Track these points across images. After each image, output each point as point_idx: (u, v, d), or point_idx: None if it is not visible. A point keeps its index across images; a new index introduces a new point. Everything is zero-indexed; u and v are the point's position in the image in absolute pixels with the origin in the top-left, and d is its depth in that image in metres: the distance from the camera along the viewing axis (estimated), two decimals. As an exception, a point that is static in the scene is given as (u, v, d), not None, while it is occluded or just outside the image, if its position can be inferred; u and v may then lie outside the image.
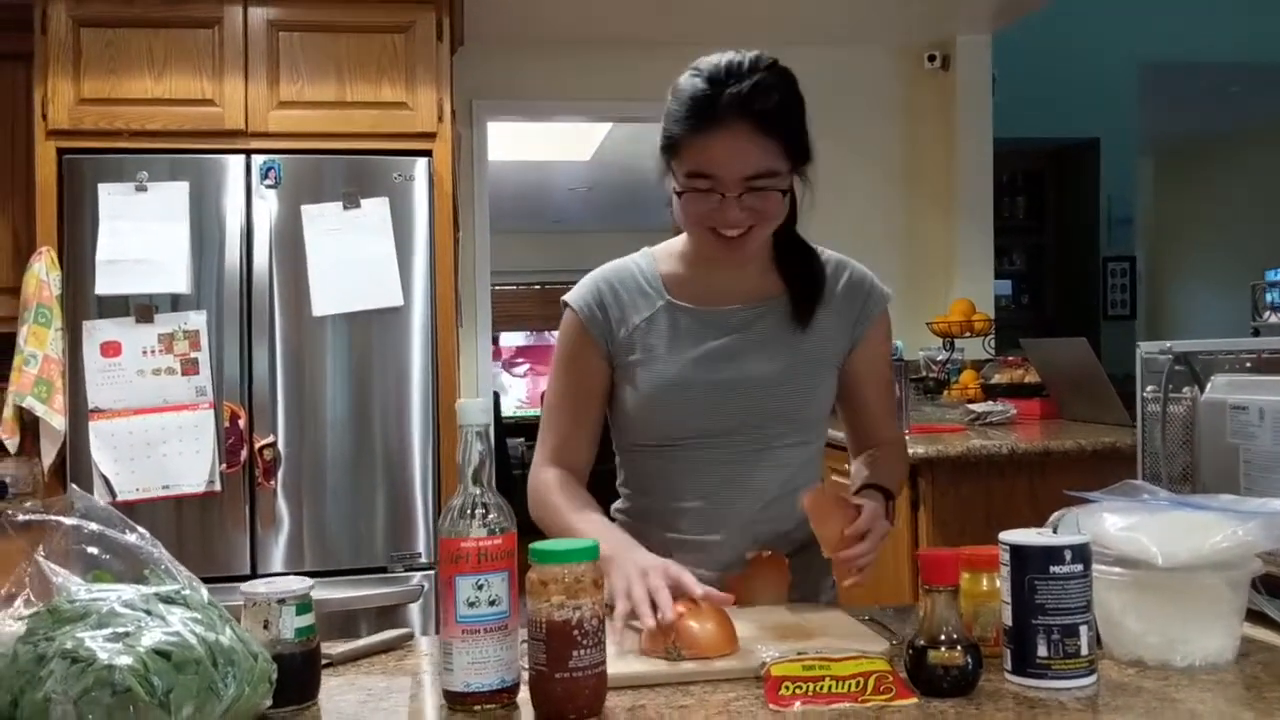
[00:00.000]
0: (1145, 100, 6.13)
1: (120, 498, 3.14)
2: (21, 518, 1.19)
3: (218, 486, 3.24)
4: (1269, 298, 1.65)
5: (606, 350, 1.67)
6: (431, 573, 3.32)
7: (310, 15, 3.45)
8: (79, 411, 3.23)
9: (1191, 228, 6.62)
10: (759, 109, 1.47)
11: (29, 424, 3.28)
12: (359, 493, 3.35)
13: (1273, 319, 1.43)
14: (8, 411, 3.24)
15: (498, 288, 4.66)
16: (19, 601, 1.14)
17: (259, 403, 3.31)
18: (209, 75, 3.40)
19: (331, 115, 3.44)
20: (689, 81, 1.53)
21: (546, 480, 1.67)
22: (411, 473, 3.38)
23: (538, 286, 10.62)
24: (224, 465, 3.25)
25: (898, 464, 1.79)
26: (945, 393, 3.87)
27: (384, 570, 3.30)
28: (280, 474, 3.30)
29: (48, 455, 3.24)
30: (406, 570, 3.32)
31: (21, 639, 1.04)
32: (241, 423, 3.27)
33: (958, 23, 4.47)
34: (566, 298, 1.72)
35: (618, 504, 1.76)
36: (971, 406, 3.37)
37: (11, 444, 3.28)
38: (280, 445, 3.31)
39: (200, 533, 3.26)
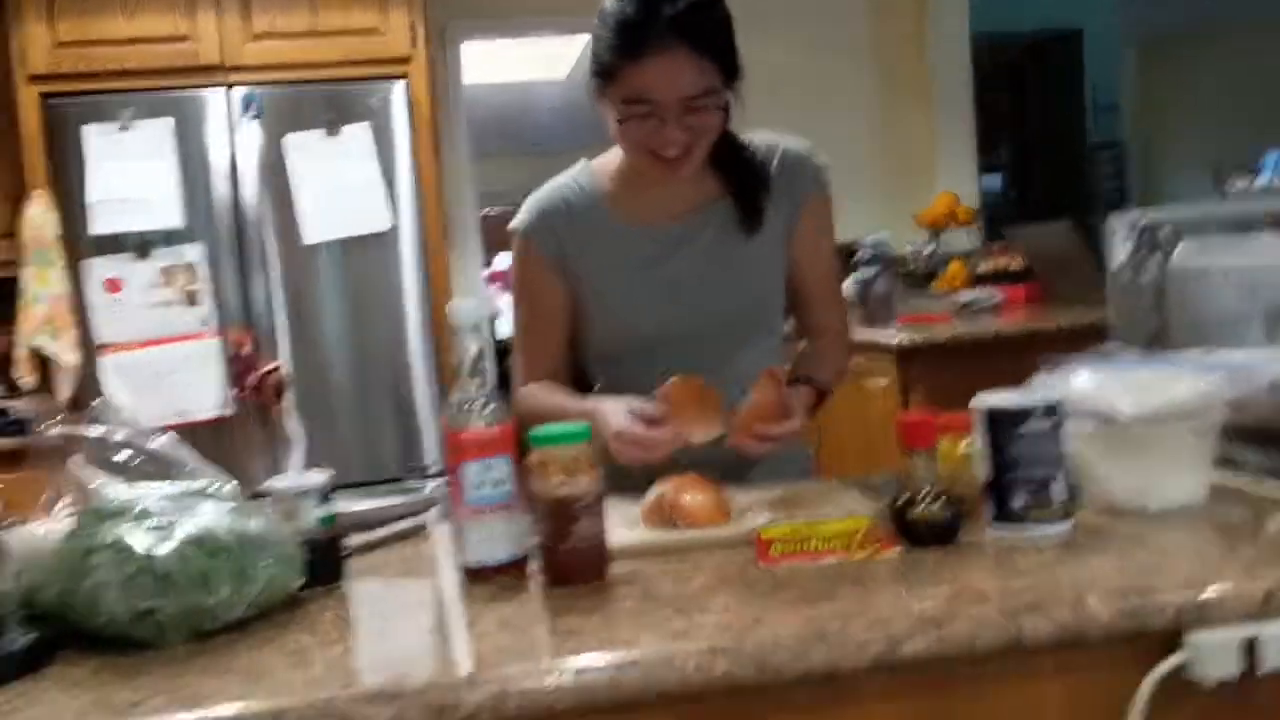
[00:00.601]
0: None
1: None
2: (55, 430, 1.27)
3: (230, 411, 3.32)
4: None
5: (561, 269, 1.68)
6: (444, 479, 3.41)
7: (278, -56, 3.44)
8: (90, 347, 3.30)
9: (1178, 114, 6.60)
10: (694, 30, 1.46)
11: (44, 363, 3.35)
12: (367, 409, 3.45)
13: (1238, 185, 1.48)
14: (21, 352, 3.31)
15: (487, 212, 4.67)
16: (59, 506, 1.23)
17: (263, 329, 3.39)
18: (182, 12, 3.41)
19: (306, 44, 3.46)
20: (616, 6, 1.50)
21: (525, 394, 1.70)
22: (417, 386, 3.48)
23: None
24: (234, 390, 3.33)
25: (838, 355, 1.77)
26: (933, 284, 3.92)
27: (399, 480, 3.40)
28: (290, 395, 3.38)
29: (64, 391, 3.32)
30: (420, 478, 3.42)
31: (69, 536, 1.12)
32: (247, 349, 3.34)
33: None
34: (514, 225, 1.71)
35: None
36: (959, 296, 3.43)
37: (27, 383, 3.36)
38: (287, 369, 3.39)
39: (217, 457, 3.31)
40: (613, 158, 1.70)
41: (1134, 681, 1.02)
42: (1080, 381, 1.31)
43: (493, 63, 5.93)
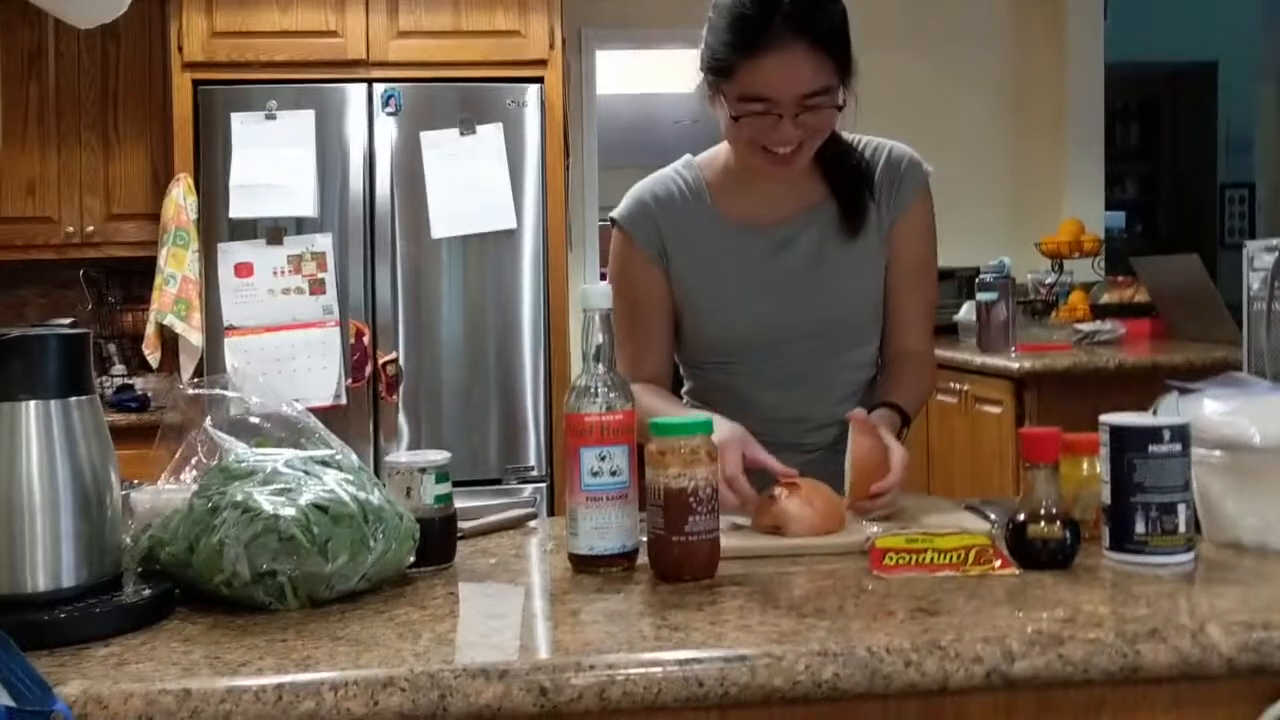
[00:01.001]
0: (1266, 22, 5.89)
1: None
2: (192, 391, 1.32)
3: (344, 400, 3.41)
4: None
5: (662, 263, 1.66)
6: (544, 485, 3.46)
7: (429, -52, 3.55)
8: (215, 329, 3.43)
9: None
10: (812, 26, 1.44)
11: (169, 341, 3.49)
12: (474, 408, 3.50)
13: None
14: (150, 328, 3.45)
15: (604, 223, 4.73)
16: (191, 465, 1.27)
17: (381, 321, 3.47)
18: (333, 7, 3.53)
19: (448, 44, 3.55)
20: (732, 1, 1.48)
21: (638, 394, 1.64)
22: (524, 389, 3.51)
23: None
24: (350, 380, 3.42)
25: (922, 382, 1.72)
26: (1053, 314, 3.84)
27: (499, 482, 3.45)
28: (401, 389, 3.46)
29: (186, 370, 3.45)
30: (520, 482, 3.46)
31: (196, 494, 1.16)
32: (366, 340, 3.43)
33: (1072, -60, 4.36)
34: (614, 215, 1.69)
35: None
36: (1079, 326, 3.36)
37: (154, 359, 3.49)
38: (401, 361, 3.46)
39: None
40: (718, 153, 1.69)
41: (1250, 719, 0.99)
42: (1208, 407, 1.27)
43: (623, 73, 5.99)
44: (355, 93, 3.49)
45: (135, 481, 1.28)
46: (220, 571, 1.09)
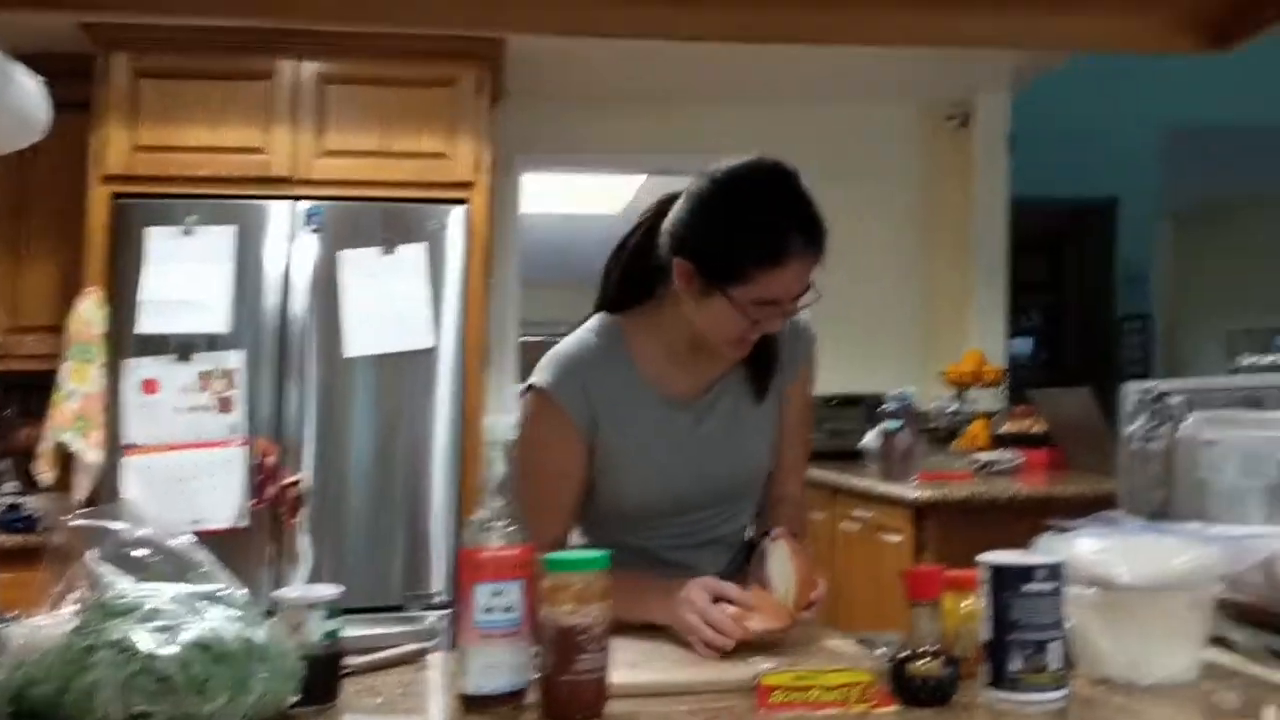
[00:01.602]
0: (1165, 162, 6.20)
1: (150, 532, 3.24)
2: (75, 522, 1.30)
3: (245, 521, 3.34)
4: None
5: (589, 435, 1.65)
6: (447, 612, 3.40)
7: (358, 70, 3.62)
8: (114, 447, 3.35)
9: (1209, 289, 6.64)
10: (816, 242, 1.55)
11: (66, 459, 3.39)
12: (380, 531, 3.44)
13: (1246, 362, 1.51)
14: (45, 446, 3.36)
15: (525, 340, 4.76)
16: (71, 599, 1.25)
17: (289, 441, 3.42)
18: (260, 125, 3.56)
19: (374, 164, 3.59)
20: (756, 204, 1.55)
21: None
22: (434, 512, 3.47)
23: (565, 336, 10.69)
24: (252, 501, 3.35)
25: (804, 525, 1.82)
26: (954, 442, 3.93)
27: (400, 609, 3.38)
28: (305, 511, 3.40)
29: (81, 489, 3.34)
30: (424, 609, 3.39)
31: (73, 631, 1.13)
32: (271, 460, 3.38)
33: (978, 81, 4.58)
34: (538, 383, 1.67)
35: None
36: (980, 455, 3.44)
37: (46, 478, 3.39)
38: (307, 483, 3.41)
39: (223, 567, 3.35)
40: (641, 323, 1.71)
41: None
42: (1081, 546, 1.32)
43: (549, 194, 6.09)
44: (277, 209, 3.50)
45: (12, 614, 1.25)
46: (92, 713, 1.06)
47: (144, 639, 1.09)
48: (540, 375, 1.68)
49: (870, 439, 3.52)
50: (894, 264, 4.67)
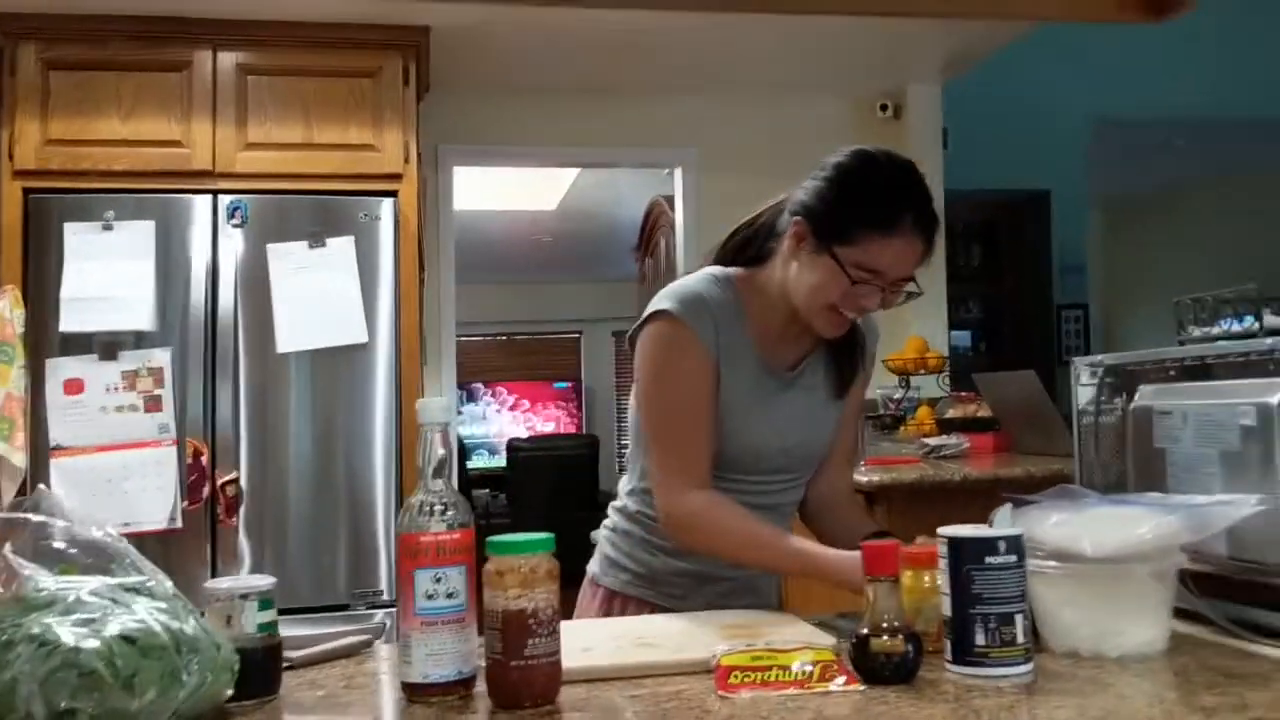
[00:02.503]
0: (1094, 154, 6.30)
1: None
2: (-7, 515, 1.23)
3: (179, 524, 3.25)
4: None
5: (715, 365, 1.65)
6: (394, 610, 3.33)
7: (279, 60, 3.53)
8: (40, 449, 3.24)
9: (1141, 278, 6.77)
10: (930, 230, 1.60)
11: (-11, 462, 3.28)
12: (321, 530, 3.37)
13: (1195, 333, 1.50)
14: (-34, 449, 3.24)
15: (462, 339, 4.69)
16: (-14, 595, 1.17)
17: (222, 439, 3.33)
18: (177, 118, 3.46)
19: (298, 156, 3.51)
20: (875, 174, 1.61)
21: (705, 504, 1.62)
22: (375, 509, 3.40)
23: (503, 337, 10.67)
24: (186, 502, 3.26)
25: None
26: (901, 428, 3.95)
27: (346, 608, 3.31)
28: (242, 511, 3.31)
29: (7, 493, 3.23)
30: (369, 608, 3.33)
31: (-12, 627, 1.07)
32: (204, 459, 3.29)
33: (909, 72, 4.61)
34: (667, 307, 1.65)
35: (631, 505, 1.77)
36: (926, 440, 3.45)
37: (-30, 482, 3.27)
38: (243, 482, 3.32)
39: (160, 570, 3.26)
40: (755, 283, 1.71)
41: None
42: (1042, 519, 1.30)
43: (482, 189, 6.04)
44: (200, 204, 3.41)
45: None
46: (14, 712, 1.00)
47: (65, 632, 1.03)
48: (668, 303, 1.66)
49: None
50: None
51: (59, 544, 1.20)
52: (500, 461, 9.09)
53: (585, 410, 10.78)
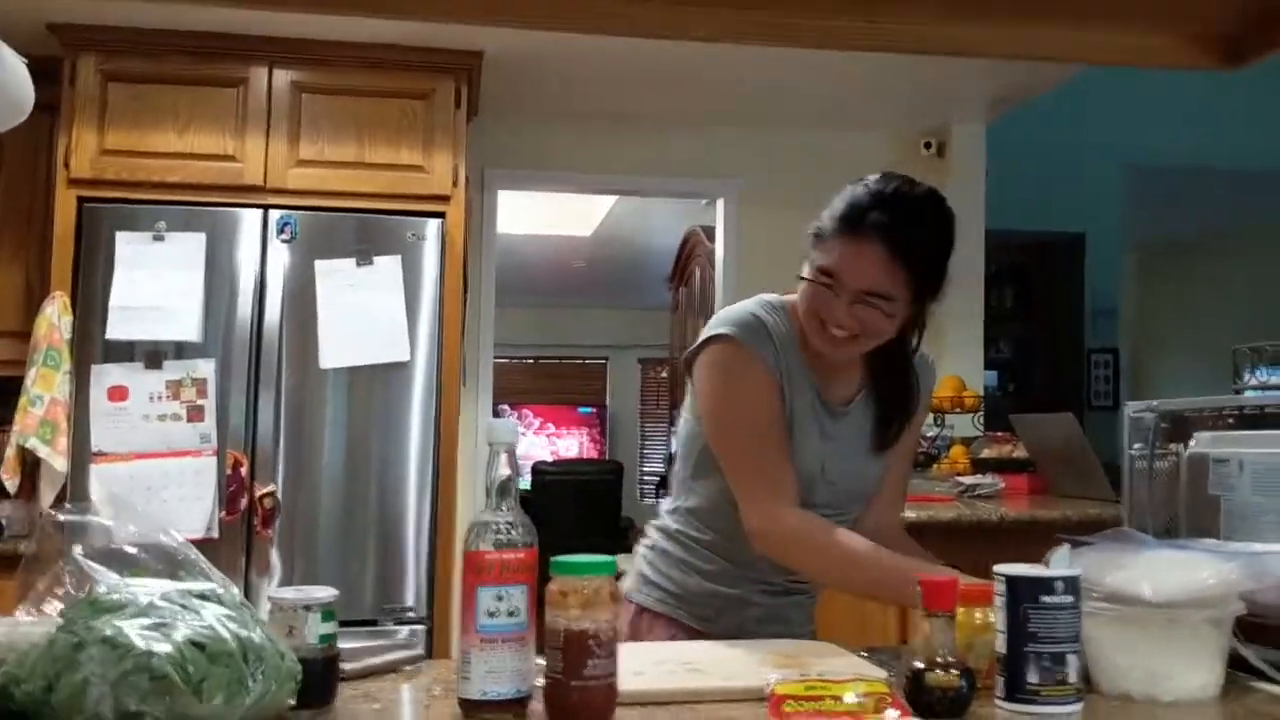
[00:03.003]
0: (1130, 199, 6.30)
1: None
2: (62, 517, 1.25)
3: (216, 533, 3.27)
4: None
5: (779, 379, 1.67)
6: (421, 628, 3.34)
7: (333, 79, 3.58)
8: (81, 454, 3.27)
9: (1173, 324, 6.75)
10: (896, 239, 1.57)
11: (30, 466, 3.31)
12: (353, 544, 3.39)
13: (1252, 381, 1.51)
14: (10, 452, 3.27)
15: (501, 360, 4.73)
16: (53, 598, 1.19)
17: (261, 451, 3.36)
18: (232, 133, 3.51)
19: (349, 174, 3.55)
20: (858, 188, 1.63)
21: (808, 526, 1.64)
22: (406, 526, 3.42)
23: (530, 361, 10.71)
24: (223, 512, 3.28)
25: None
26: (935, 466, 3.94)
27: (374, 623, 3.32)
28: (278, 523, 3.33)
29: (47, 497, 3.27)
30: (396, 623, 3.34)
31: (60, 627, 1.08)
32: (243, 471, 3.31)
33: (954, 111, 4.62)
34: (726, 330, 1.67)
35: (672, 524, 1.79)
36: (961, 479, 3.44)
37: (12, 484, 3.30)
38: (279, 494, 3.35)
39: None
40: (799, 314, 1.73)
41: None
42: (1099, 561, 1.30)
43: (520, 213, 6.08)
44: (249, 217, 3.45)
45: (-17, 616, 1.19)
46: (81, 713, 1.01)
47: (137, 636, 1.04)
48: (726, 327, 1.68)
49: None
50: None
51: (129, 548, 1.21)
52: (524, 483, 9.11)
53: (609, 436, 10.79)
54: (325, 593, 1.26)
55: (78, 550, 1.21)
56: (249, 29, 3.50)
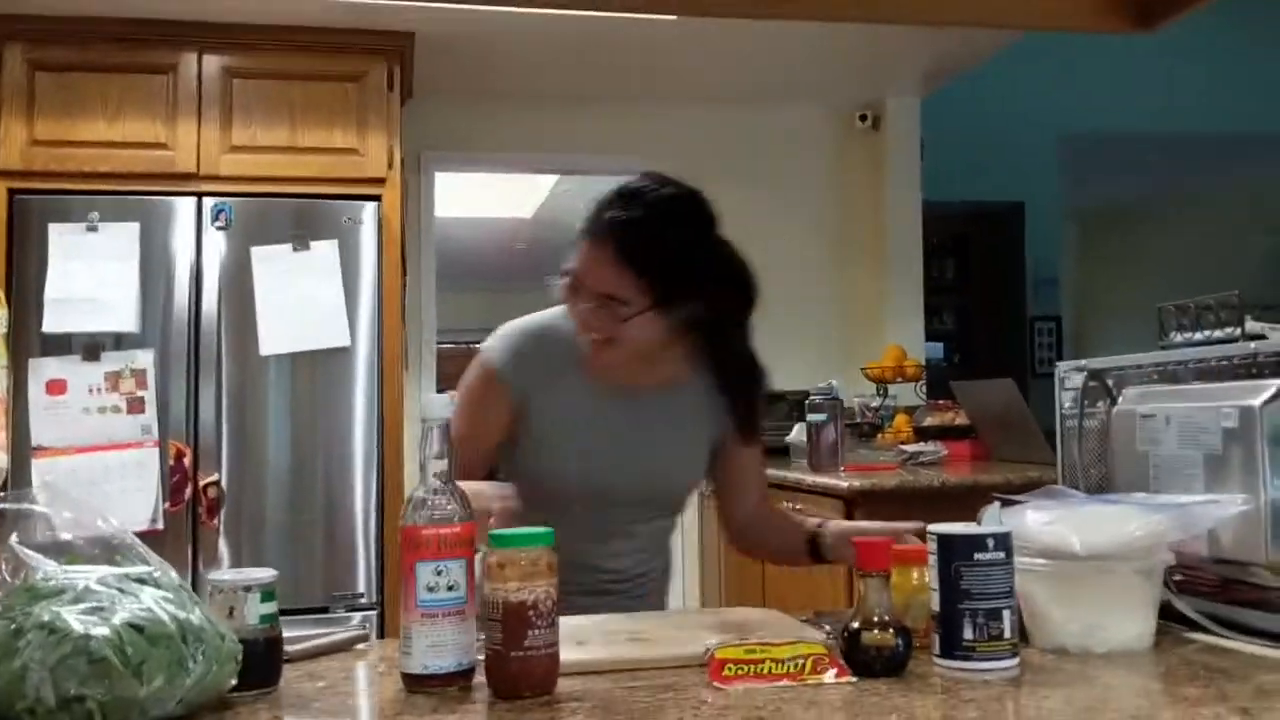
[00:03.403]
0: (1066, 168, 6.39)
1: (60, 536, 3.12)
2: (-2, 506, 1.23)
3: (160, 525, 3.24)
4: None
5: (513, 407, 1.71)
6: (373, 613, 3.34)
7: (264, 63, 3.54)
8: (21, 449, 3.22)
9: (1113, 289, 6.86)
10: (620, 239, 1.57)
11: (-32, 463, 3.26)
12: (300, 532, 3.37)
13: (1177, 338, 1.54)
14: (-53, 449, 3.22)
15: (444, 344, 4.70)
16: (-10, 586, 1.18)
17: (204, 441, 3.33)
18: (163, 120, 3.46)
19: (283, 160, 3.52)
20: (613, 188, 1.65)
21: None
22: (353, 513, 3.41)
23: (475, 345, 10.60)
24: (167, 503, 3.25)
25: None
26: (879, 436, 3.98)
27: (325, 610, 3.31)
28: (223, 512, 3.31)
29: (-13, 493, 3.21)
30: (347, 610, 3.33)
31: (-3, 616, 1.08)
32: (186, 461, 3.28)
33: (888, 85, 4.66)
34: (485, 349, 1.75)
35: None
36: (904, 448, 3.49)
37: (-50, 482, 3.25)
38: (223, 484, 3.32)
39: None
40: None
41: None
42: (1031, 518, 1.33)
43: (460, 196, 6.04)
44: (184, 206, 3.41)
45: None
46: (23, 698, 1.01)
47: (75, 620, 1.04)
48: (490, 342, 1.77)
49: (796, 433, 3.54)
50: (811, 263, 4.72)
51: (64, 536, 1.20)
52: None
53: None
54: (264, 573, 1.25)
55: (14, 539, 1.20)
56: (178, 14, 3.45)
